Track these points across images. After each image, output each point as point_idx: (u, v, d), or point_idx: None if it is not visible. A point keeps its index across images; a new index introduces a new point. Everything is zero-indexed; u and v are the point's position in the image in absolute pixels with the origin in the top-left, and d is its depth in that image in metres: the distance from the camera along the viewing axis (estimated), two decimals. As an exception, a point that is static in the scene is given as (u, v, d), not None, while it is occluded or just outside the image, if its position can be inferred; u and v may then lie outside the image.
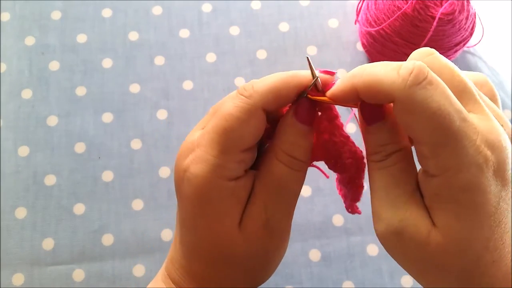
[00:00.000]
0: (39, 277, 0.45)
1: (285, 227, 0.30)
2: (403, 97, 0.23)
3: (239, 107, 0.26)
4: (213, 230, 0.28)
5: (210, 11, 0.56)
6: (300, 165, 0.28)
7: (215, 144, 0.27)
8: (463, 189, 0.24)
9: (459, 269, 0.26)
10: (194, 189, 0.27)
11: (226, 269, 0.30)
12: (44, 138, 0.50)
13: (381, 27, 0.49)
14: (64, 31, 0.55)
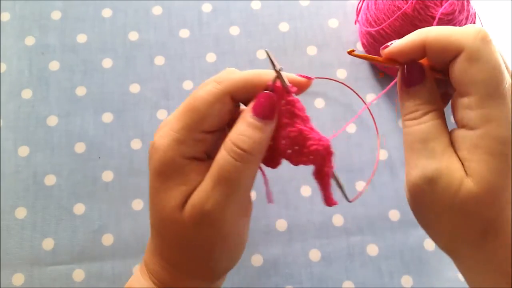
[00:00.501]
0: (39, 277, 0.45)
1: (228, 218, 0.29)
2: (473, 46, 0.27)
3: (208, 90, 0.28)
4: (160, 206, 0.30)
5: (210, 11, 0.56)
6: (244, 157, 0.28)
7: (179, 120, 0.28)
8: (501, 141, 0.27)
9: (483, 219, 0.28)
10: (154, 162, 0.29)
11: (175, 248, 0.31)
12: (44, 138, 0.50)
13: (381, 27, 0.49)
14: (64, 31, 0.55)
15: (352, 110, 0.52)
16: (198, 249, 0.30)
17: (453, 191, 0.27)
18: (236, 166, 0.28)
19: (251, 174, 0.29)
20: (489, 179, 0.27)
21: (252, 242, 0.47)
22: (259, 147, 0.29)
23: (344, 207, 0.49)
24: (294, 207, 0.49)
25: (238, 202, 0.29)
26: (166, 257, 0.32)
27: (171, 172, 0.29)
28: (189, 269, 0.32)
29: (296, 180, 0.50)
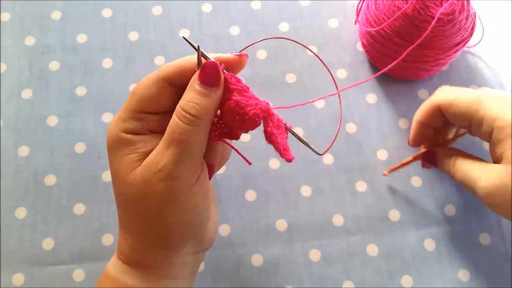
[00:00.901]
0: (39, 277, 0.45)
1: (180, 175, 0.31)
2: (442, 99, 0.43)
3: (148, 76, 0.33)
4: (115, 176, 0.33)
5: (210, 11, 0.56)
6: (193, 121, 0.30)
7: (125, 103, 0.33)
8: (509, 124, 0.36)
9: None
10: (106, 140, 0.33)
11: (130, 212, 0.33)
12: (44, 138, 0.50)
13: (381, 27, 0.49)
14: (64, 31, 0.55)
15: (351, 110, 0.52)
16: (150, 209, 0.32)
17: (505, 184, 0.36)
18: (185, 129, 0.30)
19: (201, 137, 0.31)
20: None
21: (252, 242, 0.47)
22: (206, 112, 0.31)
23: (344, 208, 0.49)
24: (294, 207, 0.49)
25: (190, 163, 0.31)
26: (126, 227, 0.34)
27: (119, 146, 0.32)
28: (144, 234, 0.33)
29: (296, 180, 0.50)
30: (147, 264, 0.34)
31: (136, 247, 0.34)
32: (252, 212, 0.48)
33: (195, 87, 0.31)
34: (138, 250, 0.34)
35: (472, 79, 0.54)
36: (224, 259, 0.46)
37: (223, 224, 0.48)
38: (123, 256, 0.35)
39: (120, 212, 0.35)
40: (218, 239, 0.47)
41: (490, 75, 0.55)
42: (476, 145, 0.51)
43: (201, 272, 0.46)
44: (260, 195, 0.49)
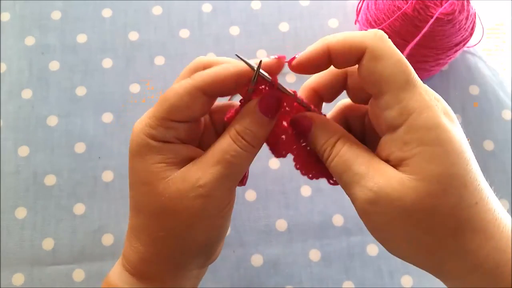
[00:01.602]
0: (39, 277, 0.45)
1: (218, 195, 0.30)
2: (374, 45, 0.27)
3: (181, 84, 0.30)
4: (141, 183, 0.31)
5: (210, 11, 0.56)
6: (248, 147, 0.30)
7: (154, 108, 0.31)
8: (428, 127, 0.26)
9: (444, 213, 0.26)
10: (131, 145, 0.32)
11: (153, 221, 0.32)
12: (44, 138, 0.50)
13: (381, 27, 0.49)
14: (64, 31, 0.55)
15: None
16: (180, 223, 0.31)
17: (398, 198, 0.26)
18: (239, 152, 0.30)
19: (249, 162, 0.32)
20: (429, 168, 0.26)
21: (252, 242, 0.47)
22: (260, 141, 0.31)
23: (344, 207, 0.49)
24: (294, 207, 0.49)
25: (231, 185, 0.31)
26: (142, 238, 0.32)
27: (146, 152, 0.31)
28: (163, 247, 0.32)
29: (296, 180, 0.50)
30: (155, 278, 0.33)
31: (149, 259, 0.32)
32: (252, 212, 0.48)
33: (255, 114, 0.30)
34: (149, 263, 0.33)
35: (472, 79, 0.55)
36: (224, 259, 0.46)
37: (223, 224, 0.48)
38: (131, 267, 0.33)
39: (137, 221, 0.33)
40: (218, 239, 0.47)
41: (490, 75, 0.55)
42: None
43: (201, 272, 0.46)
44: (260, 195, 0.49)
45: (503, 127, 0.52)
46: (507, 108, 0.53)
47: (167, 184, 0.30)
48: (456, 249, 0.27)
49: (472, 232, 0.26)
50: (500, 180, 0.50)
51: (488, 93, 0.54)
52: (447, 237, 0.27)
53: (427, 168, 0.26)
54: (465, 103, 0.53)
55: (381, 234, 0.29)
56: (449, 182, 0.26)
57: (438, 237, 0.27)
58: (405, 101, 0.27)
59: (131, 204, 0.33)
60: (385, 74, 0.27)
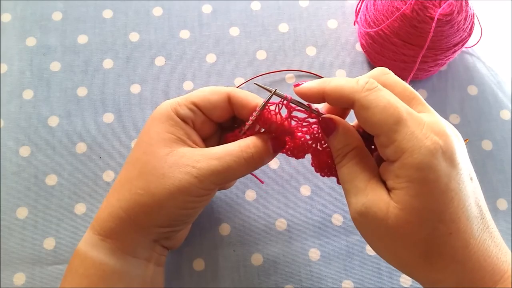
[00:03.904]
0: (40, 277, 0.46)
1: (205, 187, 0.35)
2: (361, 98, 0.31)
3: (218, 87, 0.38)
4: (147, 143, 0.36)
5: (210, 12, 0.57)
6: (250, 161, 0.36)
7: (187, 94, 0.38)
8: (417, 168, 0.30)
9: (418, 239, 0.30)
10: (154, 111, 0.37)
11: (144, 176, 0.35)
12: (45, 138, 0.50)
13: (380, 28, 0.49)
14: (65, 32, 0.55)
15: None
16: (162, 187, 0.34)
17: (382, 218, 0.31)
18: (240, 161, 0.35)
19: (241, 174, 0.36)
20: (411, 203, 0.30)
21: (252, 241, 0.47)
22: (260, 164, 0.37)
23: (344, 207, 0.49)
24: (294, 206, 0.49)
25: (218, 182, 0.35)
26: (121, 189, 0.36)
27: (164, 120, 0.36)
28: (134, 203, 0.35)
29: (295, 179, 0.50)
30: (115, 235, 0.36)
31: (115, 214, 0.36)
32: (252, 211, 0.49)
33: (267, 148, 0.37)
34: (115, 217, 0.36)
35: (471, 79, 0.55)
36: (224, 258, 0.47)
37: (223, 223, 0.48)
38: (98, 225, 0.36)
39: (126, 175, 0.37)
40: (218, 239, 0.47)
41: (489, 75, 0.55)
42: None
43: (201, 271, 0.46)
44: (260, 194, 0.49)
45: (501, 127, 0.53)
46: (506, 108, 0.54)
47: (170, 152, 0.35)
48: (424, 265, 0.31)
49: (439, 256, 0.31)
50: (499, 180, 0.50)
51: (487, 93, 0.54)
52: (418, 255, 0.31)
53: (410, 202, 0.30)
54: (463, 103, 0.53)
55: (367, 239, 0.34)
56: (425, 216, 0.30)
57: (411, 254, 0.31)
58: (397, 142, 0.30)
59: (128, 160, 0.37)
60: (375, 121, 0.31)
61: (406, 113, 0.30)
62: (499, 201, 0.50)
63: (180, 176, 0.34)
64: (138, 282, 0.37)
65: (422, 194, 0.30)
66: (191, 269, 0.46)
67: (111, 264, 0.35)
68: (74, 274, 0.36)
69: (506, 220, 0.49)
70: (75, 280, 0.36)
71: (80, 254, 0.36)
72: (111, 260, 0.36)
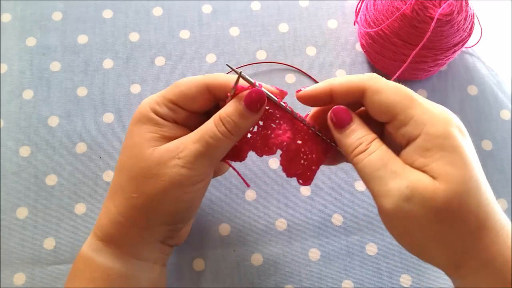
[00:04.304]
0: (40, 277, 0.46)
1: (192, 170, 0.34)
2: (372, 84, 0.32)
3: (193, 77, 0.36)
4: (131, 145, 0.35)
5: (210, 12, 0.57)
6: (225, 133, 0.34)
7: (164, 90, 0.36)
8: (444, 136, 0.29)
9: (468, 212, 0.29)
10: (135, 113, 0.37)
11: (134, 181, 0.35)
12: (45, 138, 0.50)
13: (380, 28, 0.49)
14: (65, 32, 0.55)
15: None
16: (155, 187, 0.34)
17: (431, 197, 0.29)
18: (217, 135, 0.34)
19: (226, 148, 0.35)
20: (453, 171, 0.29)
21: (252, 241, 0.47)
22: (238, 131, 0.34)
23: (343, 207, 0.49)
24: (294, 206, 0.49)
25: (206, 163, 0.35)
26: (117, 196, 0.35)
27: (146, 121, 0.35)
28: (133, 207, 0.35)
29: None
30: (119, 241, 0.36)
31: (115, 220, 0.35)
32: (252, 211, 0.49)
33: (238, 106, 0.34)
34: (116, 224, 0.35)
35: (471, 79, 0.55)
36: (224, 258, 0.47)
37: (223, 223, 0.48)
38: (99, 231, 0.36)
39: (117, 181, 0.36)
40: (218, 238, 0.47)
41: (489, 75, 0.55)
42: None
43: (201, 271, 0.46)
44: (260, 195, 0.49)
45: (501, 127, 0.53)
46: (506, 108, 0.54)
47: (153, 151, 0.34)
48: (472, 245, 0.29)
49: (486, 230, 0.29)
50: (499, 180, 0.50)
51: (487, 93, 0.54)
52: (467, 234, 0.29)
53: (451, 171, 0.29)
54: (463, 103, 0.53)
55: (407, 228, 0.31)
56: (470, 184, 0.29)
57: (460, 234, 0.29)
58: (417, 116, 0.30)
59: (117, 166, 0.37)
60: (390, 101, 0.31)
61: (415, 94, 0.32)
62: (499, 201, 0.50)
63: (168, 170, 0.33)
64: (145, 284, 0.37)
65: (459, 162, 0.29)
66: (191, 269, 0.46)
67: (116, 268, 0.35)
68: (80, 278, 0.36)
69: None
70: (81, 283, 0.36)
71: (85, 258, 0.36)
72: (117, 264, 0.35)
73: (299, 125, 0.36)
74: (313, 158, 0.37)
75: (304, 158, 0.37)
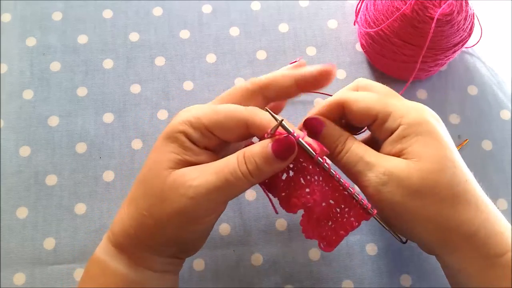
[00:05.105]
0: (40, 277, 0.46)
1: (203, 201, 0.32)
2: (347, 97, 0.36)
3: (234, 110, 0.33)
4: (153, 160, 0.34)
5: (210, 12, 0.57)
6: (246, 174, 0.32)
7: (203, 112, 0.33)
8: (419, 123, 0.33)
9: (443, 186, 0.32)
10: (167, 126, 0.34)
11: (148, 197, 0.34)
12: (45, 138, 0.50)
13: (380, 28, 0.49)
14: (65, 32, 0.55)
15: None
16: (163, 211, 0.33)
17: (407, 177, 0.32)
18: (237, 173, 0.32)
19: (243, 188, 0.33)
20: (427, 152, 0.32)
21: (251, 241, 0.47)
22: (260, 175, 0.32)
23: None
24: (294, 206, 0.49)
25: (218, 199, 0.33)
26: (133, 204, 0.35)
27: (173, 140, 0.33)
28: (143, 227, 0.34)
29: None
30: (130, 252, 0.35)
31: (127, 231, 0.35)
32: (252, 211, 0.49)
33: (266, 149, 0.32)
34: (127, 235, 0.35)
35: (471, 79, 0.55)
36: (224, 258, 0.47)
37: (223, 223, 0.48)
38: (113, 237, 0.36)
39: (134, 192, 0.35)
40: (218, 239, 0.47)
41: (489, 76, 0.55)
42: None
43: (201, 271, 0.46)
44: (260, 194, 0.49)
45: (501, 127, 0.53)
46: (506, 108, 0.54)
47: (169, 174, 0.33)
48: (453, 219, 0.32)
49: (465, 204, 0.32)
50: (499, 180, 0.50)
51: (487, 93, 0.54)
52: (447, 208, 0.32)
53: (425, 151, 0.32)
54: (463, 103, 0.53)
55: (393, 211, 0.34)
56: (444, 162, 0.32)
57: (439, 209, 0.32)
58: (393, 112, 0.34)
59: (139, 174, 0.36)
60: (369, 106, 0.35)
61: (390, 98, 0.36)
62: (499, 201, 0.50)
63: (177, 199, 0.32)
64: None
65: (433, 143, 0.33)
66: (191, 269, 0.46)
67: (130, 275, 0.35)
68: (95, 282, 0.36)
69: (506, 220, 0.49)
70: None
71: (100, 262, 0.36)
72: (130, 271, 0.35)
73: (334, 184, 0.34)
74: (344, 222, 0.35)
75: (333, 221, 0.35)
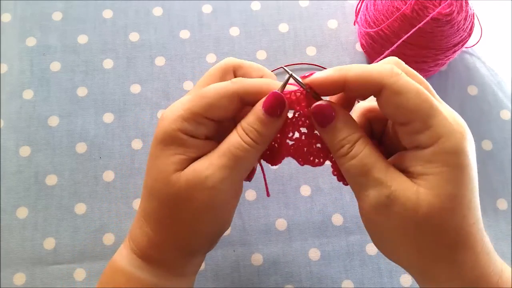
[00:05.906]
0: (40, 277, 0.46)
1: (222, 188, 0.31)
2: (392, 83, 0.28)
3: (223, 86, 0.32)
4: (156, 170, 0.32)
5: (210, 12, 0.57)
6: (250, 143, 0.31)
7: (189, 101, 0.32)
8: (454, 152, 0.28)
9: (451, 229, 0.29)
10: (158, 131, 0.32)
11: (163, 209, 0.33)
12: (45, 138, 0.50)
13: (380, 28, 0.49)
14: (65, 32, 0.55)
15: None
16: (187, 213, 0.32)
17: (412, 208, 0.28)
18: (243, 146, 0.31)
19: (254, 158, 0.32)
20: (447, 188, 0.28)
21: (252, 241, 0.47)
22: (263, 139, 0.31)
23: (344, 207, 0.49)
24: (294, 206, 0.49)
25: (234, 178, 0.32)
26: (152, 223, 0.34)
27: (171, 142, 0.32)
28: (172, 235, 0.33)
29: (295, 179, 0.50)
30: (164, 263, 0.34)
31: (157, 244, 0.34)
32: (252, 211, 0.49)
33: (258, 113, 0.31)
34: (159, 248, 0.34)
35: (471, 79, 0.55)
36: (224, 258, 0.47)
37: (223, 223, 0.48)
38: (139, 251, 0.34)
39: (148, 205, 0.34)
40: (218, 239, 0.47)
41: (489, 75, 0.55)
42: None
43: (201, 271, 0.46)
44: (260, 194, 0.49)
45: (501, 127, 0.53)
46: (506, 108, 0.54)
47: (179, 176, 0.31)
48: (448, 259, 0.29)
49: (464, 248, 0.29)
50: (499, 180, 0.50)
51: (487, 93, 0.54)
52: (445, 248, 0.29)
53: (445, 187, 0.28)
54: (463, 103, 0.53)
55: (380, 234, 0.31)
56: (459, 202, 0.29)
57: (435, 246, 0.29)
58: (434, 127, 0.28)
59: (145, 187, 0.34)
60: (409, 106, 0.28)
61: (436, 101, 0.29)
62: (499, 201, 0.50)
63: (198, 194, 0.31)
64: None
65: (457, 180, 0.28)
66: (191, 269, 0.46)
67: (160, 285, 0.34)
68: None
69: (506, 220, 0.49)
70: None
71: (125, 273, 0.34)
72: (161, 281, 0.34)
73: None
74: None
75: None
